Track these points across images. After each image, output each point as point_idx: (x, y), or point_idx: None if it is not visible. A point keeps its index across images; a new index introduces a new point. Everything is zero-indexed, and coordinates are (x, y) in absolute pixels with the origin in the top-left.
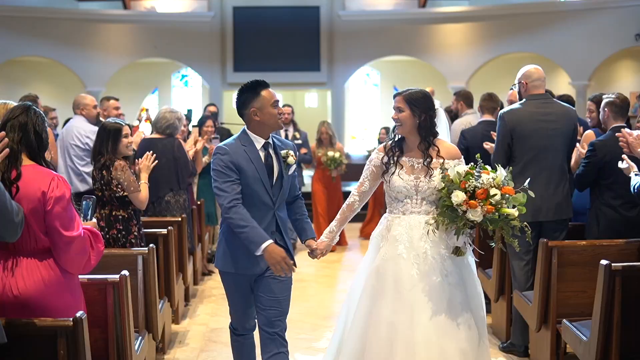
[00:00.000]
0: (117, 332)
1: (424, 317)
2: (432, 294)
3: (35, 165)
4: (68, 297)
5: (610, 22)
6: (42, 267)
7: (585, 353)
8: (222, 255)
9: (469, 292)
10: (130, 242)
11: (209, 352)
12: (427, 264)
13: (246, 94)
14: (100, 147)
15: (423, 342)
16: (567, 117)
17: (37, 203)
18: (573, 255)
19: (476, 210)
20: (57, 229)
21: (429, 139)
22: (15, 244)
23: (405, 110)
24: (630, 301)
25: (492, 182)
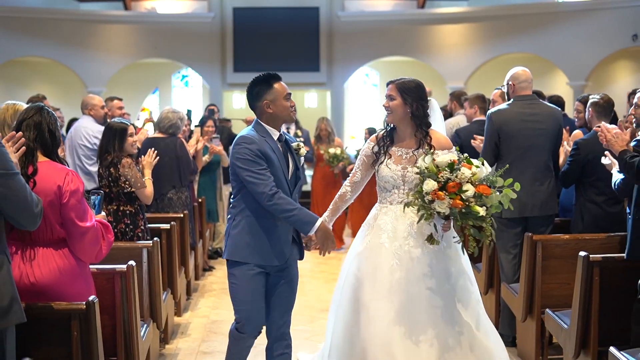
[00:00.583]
0: (125, 319)
1: (400, 307)
2: (411, 286)
3: (50, 162)
4: (80, 285)
5: (607, 22)
6: (57, 256)
7: (566, 340)
8: (241, 246)
9: (455, 286)
10: (137, 236)
11: (209, 342)
12: (409, 257)
13: (259, 86)
14: (107, 146)
15: (397, 335)
16: (552, 117)
17: (53, 196)
18: (557, 249)
19: (443, 202)
20: (73, 220)
21: (425, 127)
22: (32, 234)
23: (397, 99)
24: (608, 291)
25: (469, 177)
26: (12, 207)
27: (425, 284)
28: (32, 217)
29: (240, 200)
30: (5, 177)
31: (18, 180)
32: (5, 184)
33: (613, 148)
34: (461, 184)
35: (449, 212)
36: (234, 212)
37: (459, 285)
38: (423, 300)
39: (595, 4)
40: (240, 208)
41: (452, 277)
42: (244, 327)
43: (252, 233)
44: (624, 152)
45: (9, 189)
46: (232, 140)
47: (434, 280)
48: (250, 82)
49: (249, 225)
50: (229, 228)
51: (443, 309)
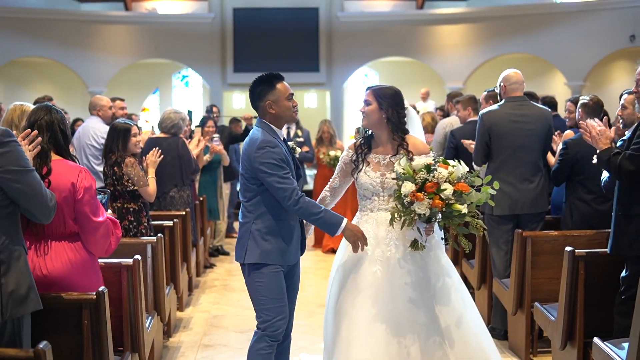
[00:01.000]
0: (131, 311)
1: (382, 314)
2: (394, 294)
3: (62, 160)
4: (91, 277)
5: (605, 23)
6: (69, 250)
7: (553, 332)
8: (266, 249)
9: (436, 287)
10: (140, 232)
11: (211, 336)
12: (390, 264)
13: (261, 86)
14: (111, 146)
15: (382, 339)
16: (542, 118)
17: (67, 193)
18: (546, 245)
19: (422, 203)
20: (87, 214)
21: (399, 133)
22: (47, 229)
23: (373, 104)
24: (593, 284)
25: (446, 177)
26: (28, 201)
27: (407, 290)
28: (47, 210)
29: (259, 204)
30: (22, 174)
31: (34, 177)
32: (22, 180)
33: (597, 145)
34: (439, 183)
35: (429, 213)
36: (251, 217)
37: (439, 286)
38: (405, 304)
39: (593, 4)
40: (260, 212)
41: (433, 280)
42: (276, 323)
43: (273, 235)
44: (608, 150)
45: (25, 185)
46: (233, 139)
47: (416, 285)
48: (253, 82)
49: (269, 228)
50: (246, 232)
51: (425, 313)
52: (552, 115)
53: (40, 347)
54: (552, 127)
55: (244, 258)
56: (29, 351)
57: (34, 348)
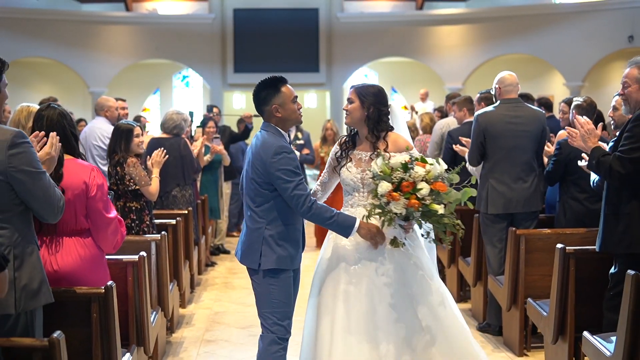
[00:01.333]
0: (136, 305)
1: (354, 311)
2: (369, 290)
3: (73, 159)
4: (99, 272)
5: (604, 24)
6: (79, 246)
7: (545, 327)
8: (282, 255)
9: (414, 290)
10: (143, 230)
11: (213, 331)
12: (369, 260)
13: (266, 90)
14: (114, 146)
15: (359, 338)
16: (536, 120)
17: (79, 191)
18: (539, 243)
19: (398, 202)
20: (100, 211)
21: (376, 131)
22: (59, 226)
23: (355, 102)
24: (583, 280)
25: (423, 176)
26: (37, 202)
27: (385, 289)
28: (55, 212)
29: (270, 210)
30: (33, 175)
31: (45, 178)
32: (33, 181)
33: (586, 144)
34: (415, 182)
35: (405, 213)
36: (263, 222)
37: (416, 281)
38: (384, 303)
39: (592, 5)
40: (272, 217)
41: (409, 275)
42: (286, 326)
43: (286, 240)
44: (597, 150)
45: (36, 186)
46: (233, 139)
47: (394, 283)
48: (257, 86)
49: (281, 233)
50: (259, 237)
51: (400, 311)
52: (548, 116)
53: (54, 336)
54: (545, 128)
55: (258, 264)
56: (44, 340)
57: (47, 338)
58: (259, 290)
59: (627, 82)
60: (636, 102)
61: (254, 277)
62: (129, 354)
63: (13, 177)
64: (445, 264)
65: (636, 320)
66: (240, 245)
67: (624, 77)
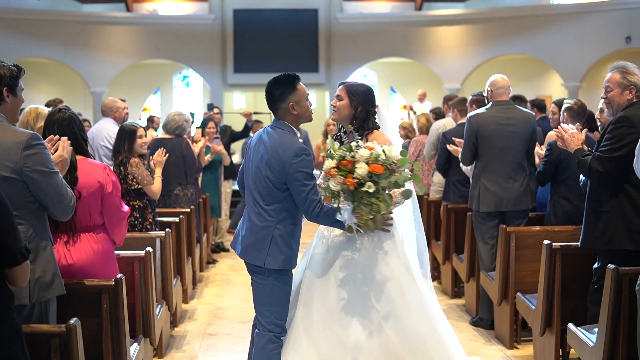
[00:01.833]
0: (142, 298)
1: (315, 308)
2: (327, 289)
3: (85, 159)
4: (110, 266)
5: (601, 25)
6: (93, 241)
7: (533, 320)
8: (289, 255)
9: (371, 278)
10: (145, 228)
11: (214, 325)
12: (331, 250)
13: (282, 87)
14: (118, 147)
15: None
16: (526, 121)
17: (94, 189)
18: (529, 240)
19: (335, 179)
20: (117, 206)
21: (361, 130)
22: (76, 222)
23: (344, 99)
24: (568, 275)
25: (366, 158)
26: (49, 200)
27: (343, 279)
28: (66, 210)
29: (281, 210)
30: (47, 175)
31: (57, 178)
32: (46, 180)
33: (569, 147)
34: (355, 162)
35: (339, 189)
36: (273, 221)
37: (372, 276)
38: (342, 293)
39: (590, 6)
40: (282, 217)
41: (366, 269)
42: (283, 325)
43: (293, 240)
44: (578, 151)
45: (49, 186)
46: (234, 138)
47: (350, 270)
48: (271, 83)
49: (289, 233)
50: (267, 235)
51: (356, 304)
52: (541, 117)
53: (71, 322)
54: (535, 129)
55: (264, 262)
56: (62, 326)
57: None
58: (259, 288)
59: (609, 86)
60: (618, 105)
61: (256, 275)
62: (136, 344)
63: (28, 176)
64: (440, 261)
65: (616, 312)
66: (241, 240)
67: (606, 81)
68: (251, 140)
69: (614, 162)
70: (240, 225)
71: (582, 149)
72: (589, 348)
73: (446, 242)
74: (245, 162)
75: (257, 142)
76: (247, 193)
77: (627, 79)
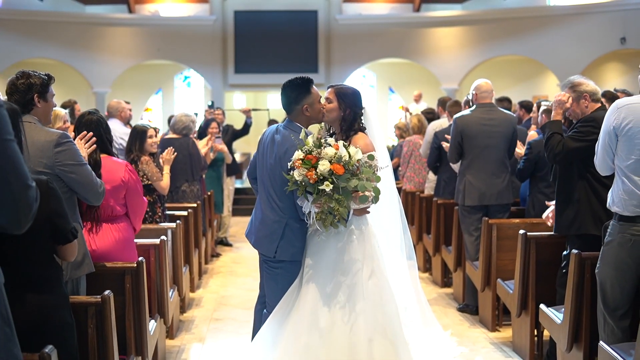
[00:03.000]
0: (157, 282)
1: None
2: (309, 285)
3: (109, 157)
4: (129, 252)
5: (596, 26)
6: (115, 230)
7: (511, 303)
8: (299, 248)
9: (344, 269)
10: (155, 221)
11: (220, 311)
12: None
13: (298, 90)
14: (130, 146)
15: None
16: (507, 122)
17: (117, 184)
18: (509, 231)
19: (299, 170)
20: (141, 197)
21: (348, 132)
22: (99, 213)
23: (334, 102)
24: (542, 261)
25: (330, 156)
26: (82, 188)
27: (320, 266)
28: (97, 195)
29: (293, 207)
30: (77, 167)
31: (86, 169)
32: (77, 171)
33: (554, 111)
34: (319, 159)
35: (301, 180)
36: (285, 216)
37: (344, 268)
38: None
39: (585, 7)
40: (293, 213)
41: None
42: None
43: (301, 234)
44: (554, 123)
45: (80, 176)
46: (235, 137)
47: (325, 258)
48: (288, 86)
49: (299, 228)
50: (279, 228)
51: (332, 290)
52: (529, 118)
53: (105, 294)
54: (516, 129)
55: (275, 253)
56: (98, 297)
57: (100, 295)
58: (270, 275)
59: (561, 100)
60: (582, 113)
61: (268, 263)
62: (153, 321)
63: (60, 170)
64: (431, 253)
65: (579, 292)
66: (256, 232)
67: (559, 99)
68: (264, 136)
69: (571, 151)
70: (253, 216)
71: (559, 121)
72: (557, 326)
73: (436, 235)
74: (258, 156)
75: (270, 140)
76: (261, 187)
77: (577, 90)
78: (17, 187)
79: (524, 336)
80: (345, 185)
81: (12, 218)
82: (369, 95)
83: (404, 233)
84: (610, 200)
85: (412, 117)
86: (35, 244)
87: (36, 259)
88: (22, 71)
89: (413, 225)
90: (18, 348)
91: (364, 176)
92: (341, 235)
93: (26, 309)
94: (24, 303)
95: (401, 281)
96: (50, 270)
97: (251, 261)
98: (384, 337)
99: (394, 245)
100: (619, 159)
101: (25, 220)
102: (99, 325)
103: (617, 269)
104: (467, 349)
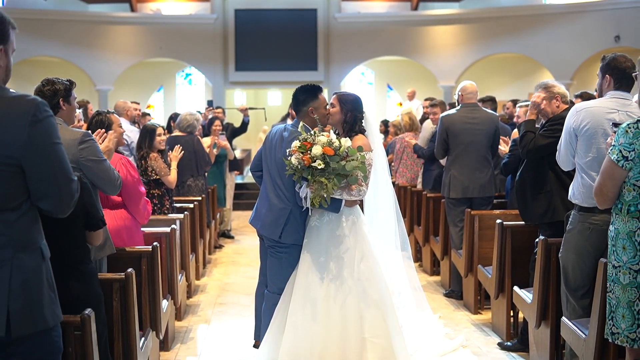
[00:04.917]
0: (168, 266)
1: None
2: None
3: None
4: (134, 238)
5: (591, 24)
6: (111, 218)
7: (490, 286)
8: (300, 233)
9: (337, 257)
10: (163, 212)
11: (223, 296)
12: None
13: (307, 94)
14: (140, 143)
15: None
16: (489, 120)
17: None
18: (490, 221)
19: (296, 155)
20: (138, 188)
21: (350, 133)
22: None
23: (336, 106)
24: (517, 248)
25: (323, 142)
26: (101, 181)
27: (318, 252)
28: (114, 187)
29: (296, 193)
30: (98, 162)
31: (106, 164)
32: (97, 166)
33: (529, 111)
34: (313, 144)
35: (297, 164)
36: (290, 205)
37: (336, 255)
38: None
39: (580, 6)
40: (296, 199)
41: (331, 248)
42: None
43: (303, 220)
44: (528, 122)
45: (100, 170)
46: (234, 135)
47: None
48: (298, 90)
49: (302, 214)
50: (284, 214)
51: (333, 276)
52: None
53: (128, 271)
54: (498, 128)
55: (280, 235)
56: (122, 274)
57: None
58: (274, 257)
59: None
60: (552, 113)
61: (273, 248)
62: (165, 300)
63: (83, 164)
64: (421, 244)
65: (546, 274)
66: (262, 218)
67: (533, 99)
68: (271, 133)
69: (544, 147)
70: (259, 204)
71: (534, 120)
72: (528, 305)
73: (425, 226)
74: (264, 151)
75: (279, 137)
76: (268, 178)
77: (550, 91)
78: (63, 181)
79: (501, 316)
80: (336, 166)
81: (58, 205)
82: (368, 93)
83: (398, 224)
84: (571, 193)
85: (403, 116)
86: (73, 227)
87: (73, 239)
88: (47, 79)
89: (405, 218)
90: (59, 309)
91: (352, 159)
92: (335, 223)
93: (65, 279)
94: (64, 275)
95: (395, 268)
96: (84, 249)
97: (252, 252)
98: (376, 309)
99: (389, 236)
100: (578, 157)
101: (67, 207)
102: (123, 299)
103: (578, 253)
104: (452, 330)
